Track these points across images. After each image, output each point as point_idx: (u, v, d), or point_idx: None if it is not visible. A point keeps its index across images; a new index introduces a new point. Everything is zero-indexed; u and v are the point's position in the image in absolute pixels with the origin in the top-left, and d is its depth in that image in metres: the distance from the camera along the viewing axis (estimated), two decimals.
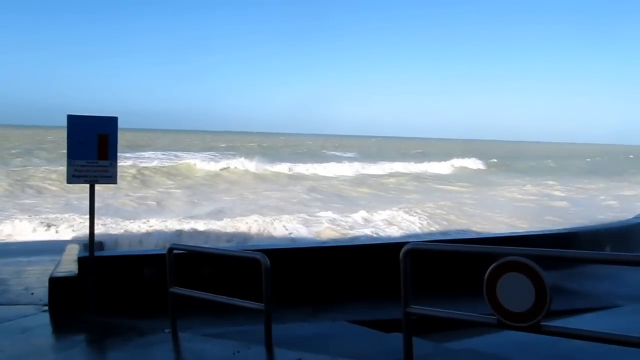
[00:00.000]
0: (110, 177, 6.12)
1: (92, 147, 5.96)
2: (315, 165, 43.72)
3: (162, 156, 51.85)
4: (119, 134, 6.20)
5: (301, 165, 43.18)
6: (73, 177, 6.00)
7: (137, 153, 52.10)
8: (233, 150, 68.03)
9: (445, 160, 54.61)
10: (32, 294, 6.64)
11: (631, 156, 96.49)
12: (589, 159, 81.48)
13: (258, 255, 4.68)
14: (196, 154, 56.01)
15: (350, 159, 57.55)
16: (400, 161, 51.73)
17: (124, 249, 12.70)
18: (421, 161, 52.86)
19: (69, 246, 8.66)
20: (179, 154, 54.98)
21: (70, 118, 5.95)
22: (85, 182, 6.07)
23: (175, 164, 41.15)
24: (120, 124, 6.13)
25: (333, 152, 76.82)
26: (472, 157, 60.02)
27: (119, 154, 6.21)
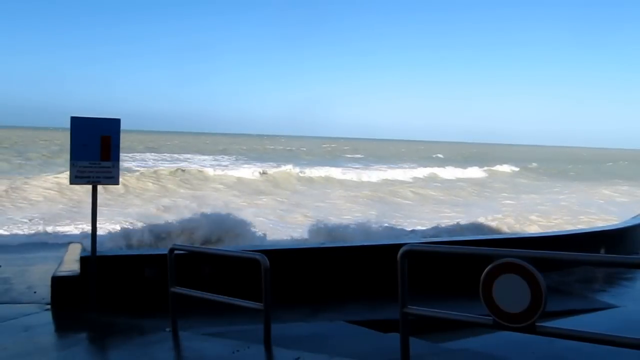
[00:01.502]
0: (112, 177, 6.18)
1: (95, 149, 6.03)
2: (368, 171, 42.76)
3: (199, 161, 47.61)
4: (121, 135, 6.28)
5: (351, 170, 42.23)
6: (76, 178, 6.07)
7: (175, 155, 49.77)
8: (244, 153, 67.06)
9: (478, 165, 53.00)
10: (35, 292, 6.70)
11: None
12: (610, 163, 79.95)
13: (257, 256, 4.73)
14: (232, 158, 54.59)
15: (379, 162, 56.74)
16: (435, 166, 50.00)
17: (125, 249, 12.72)
18: (456, 166, 50.92)
19: (72, 245, 8.70)
20: (206, 157, 52.81)
21: (74, 120, 6.01)
22: (87, 182, 6.12)
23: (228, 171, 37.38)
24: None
25: (351, 156, 75.37)
26: (505, 162, 57.30)
27: (173, 155, 6.27)
